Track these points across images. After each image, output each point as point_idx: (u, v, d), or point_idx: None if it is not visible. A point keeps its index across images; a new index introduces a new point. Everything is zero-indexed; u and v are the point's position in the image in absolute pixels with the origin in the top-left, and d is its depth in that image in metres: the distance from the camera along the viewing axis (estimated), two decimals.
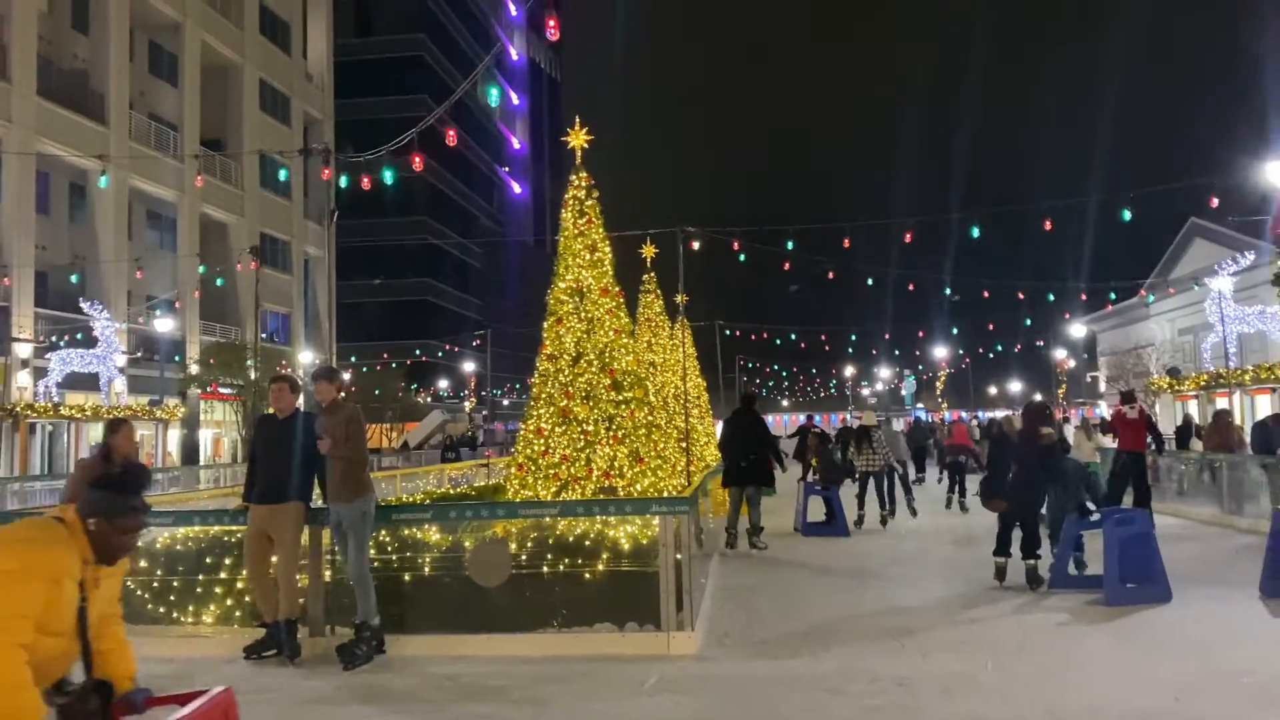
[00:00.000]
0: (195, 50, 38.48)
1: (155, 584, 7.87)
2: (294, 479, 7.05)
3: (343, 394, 7.50)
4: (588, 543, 7.62)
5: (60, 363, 27.85)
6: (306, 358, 42.21)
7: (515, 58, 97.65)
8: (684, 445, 16.98)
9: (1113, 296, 36.51)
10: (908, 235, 18.54)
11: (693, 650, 6.74)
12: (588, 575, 7.35)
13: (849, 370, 73.60)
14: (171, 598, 7.83)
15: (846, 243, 18.18)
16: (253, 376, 34.21)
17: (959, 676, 5.97)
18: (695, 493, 10.04)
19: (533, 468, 10.47)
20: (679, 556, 7.02)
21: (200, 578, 7.84)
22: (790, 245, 18.19)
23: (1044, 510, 9.73)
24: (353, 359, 49.36)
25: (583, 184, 11.12)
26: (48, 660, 2.94)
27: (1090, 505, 9.26)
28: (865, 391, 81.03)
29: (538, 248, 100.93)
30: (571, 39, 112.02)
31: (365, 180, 16.07)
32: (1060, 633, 7.31)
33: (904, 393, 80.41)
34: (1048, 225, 17.22)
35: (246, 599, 7.65)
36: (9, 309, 28.25)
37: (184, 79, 38.10)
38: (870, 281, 25.45)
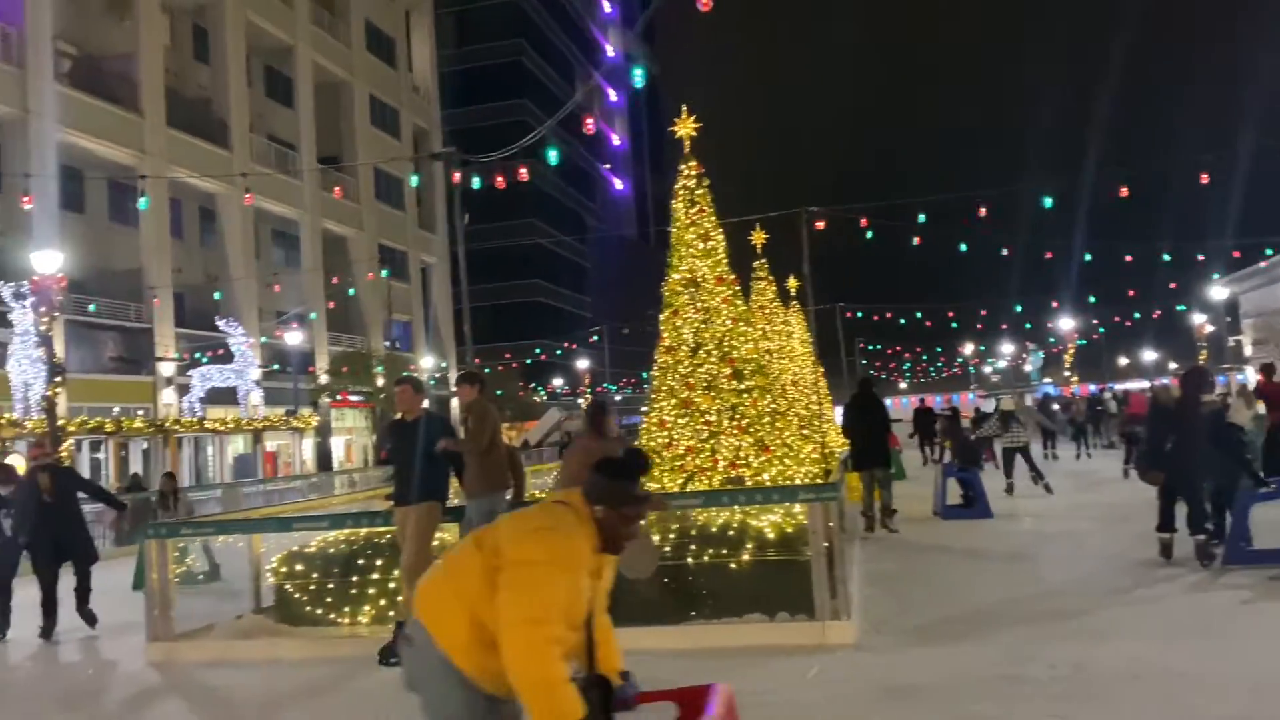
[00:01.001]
0: (307, 71, 39.89)
1: (312, 586, 8.10)
2: (422, 480, 7.12)
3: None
4: (731, 532, 7.51)
5: (201, 379, 29.30)
6: (428, 363, 43.35)
7: (611, 55, 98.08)
8: (812, 432, 16.76)
9: (1268, 252, 34.23)
10: (1047, 201, 17.73)
11: (851, 639, 6.55)
12: (733, 565, 7.24)
13: (968, 348, 71.42)
14: (328, 599, 8.05)
15: (982, 211, 17.48)
16: (380, 383, 35.34)
17: (1143, 659, 5.62)
18: (842, 479, 9.85)
19: (657, 460, 10.43)
20: (830, 544, 6.84)
21: (355, 579, 8.03)
22: (922, 219, 17.61)
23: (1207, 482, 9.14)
24: (475, 361, 50.42)
25: (692, 173, 11.02)
26: (569, 656, 2.84)
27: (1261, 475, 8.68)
28: (987, 369, 78.67)
29: (642, 243, 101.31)
30: (667, 30, 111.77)
31: (499, 180, 16.35)
32: (1246, 610, 6.84)
33: (1028, 368, 77.52)
34: (1204, 179, 16.22)
35: (399, 598, 7.82)
36: (152, 330, 29.82)
37: (299, 99, 39.56)
38: (1004, 252, 24.48)
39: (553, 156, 19.87)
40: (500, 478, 7.16)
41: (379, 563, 7.99)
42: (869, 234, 18.30)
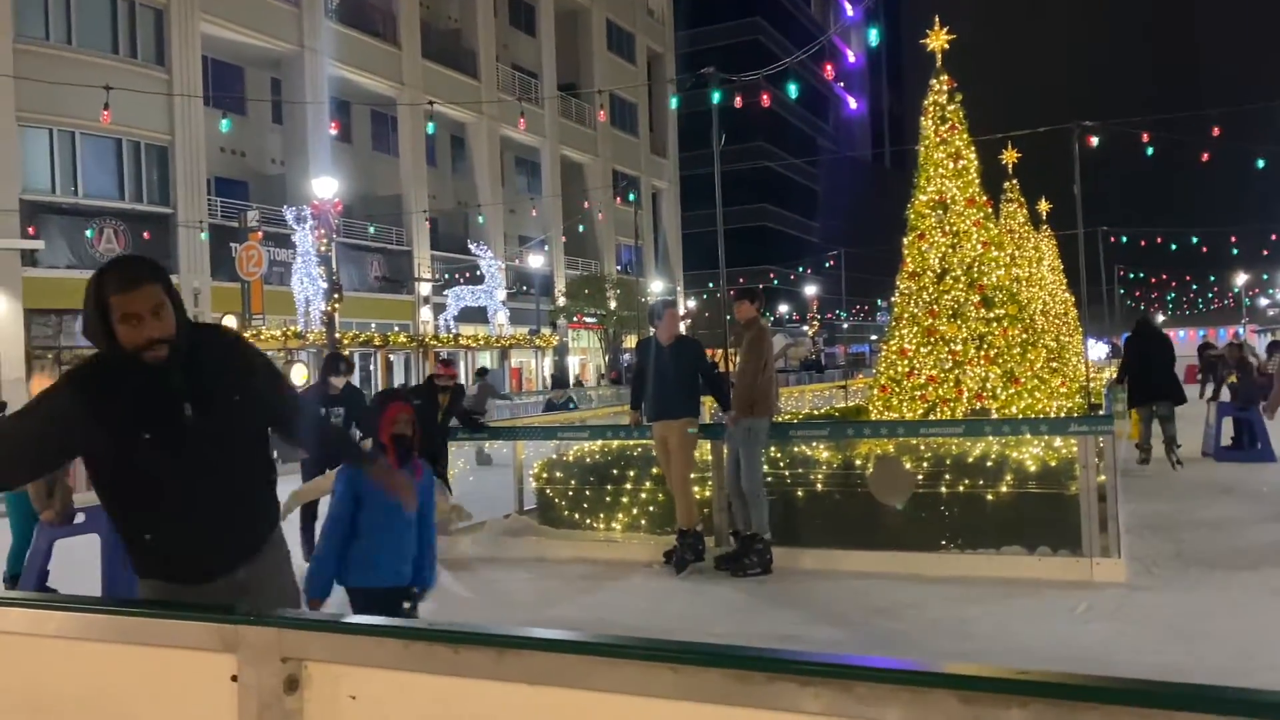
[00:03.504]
0: None
1: (570, 492, 8.62)
2: (681, 398, 7.32)
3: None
4: (989, 463, 7.30)
5: (455, 299, 31.36)
6: (657, 287, 44.19)
7: None
8: (1061, 364, 15.89)
9: None
10: None
11: (1121, 578, 6.26)
12: (989, 496, 7.06)
13: (1241, 278, 64.47)
14: (584, 505, 8.54)
15: None
16: (612, 306, 36.44)
17: None
18: (1125, 414, 9.37)
19: (896, 389, 10.21)
20: (1103, 479, 6.52)
21: (609, 487, 8.45)
22: (1216, 131, 15.84)
23: None
24: (710, 285, 50.88)
25: (944, 88, 10.51)
26: None
27: None
28: (1264, 302, 71.02)
29: (876, 165, 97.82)
30: None
31: (738, 100, 16.31)
32: None
33: None
34: None
35: (650, 508, 8.18)
36: (411, 252, 32.08)
37: (540, 28, 40.66)
38: None
39: (874, 35, 19.32)
40: (766, 402, 7.19)
41: (631, 473, 8.37)
42: (1149, 150, 16.64)
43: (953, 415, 9.47)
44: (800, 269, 63.59)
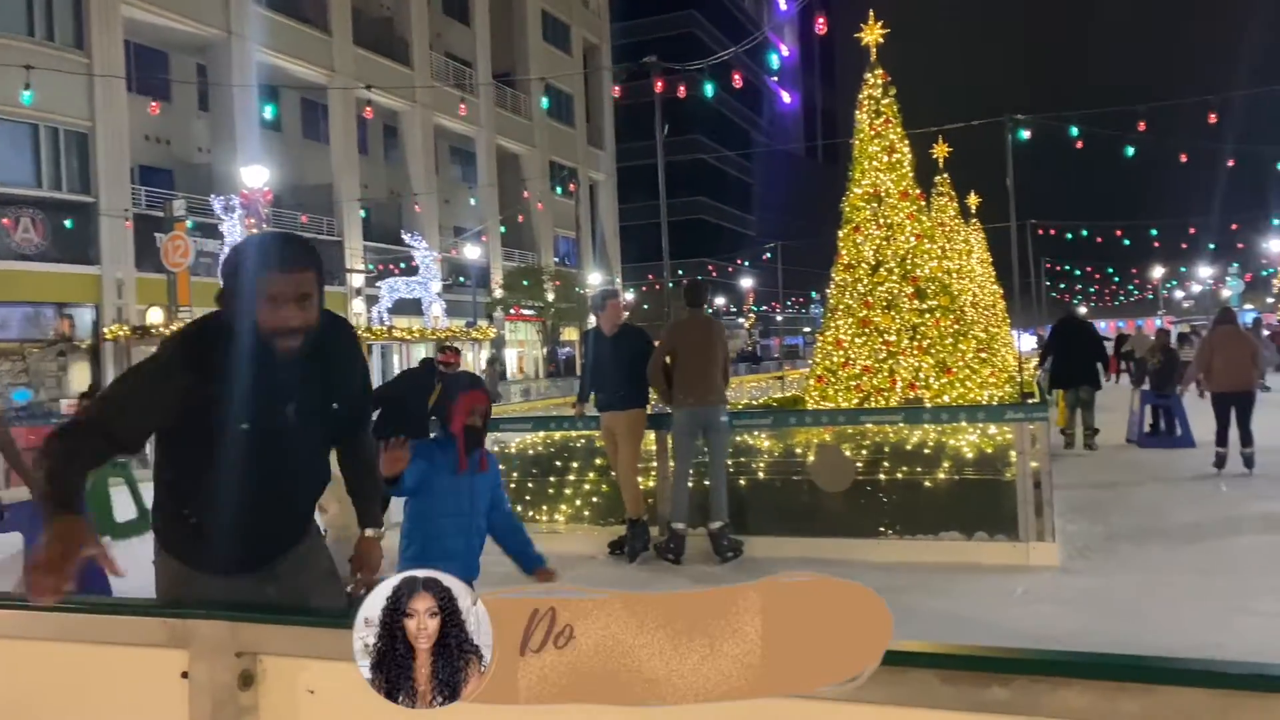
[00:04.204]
0: None
1: (513, 484, 8.53)
2: (629, 389, 7.33)
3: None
4: (926, 450, 7.42)
5: (389, 290, 30.77)
6: (595, 279, 44.11)
7: None
8: (990, 355, 16.25)
9: None
10: None
11: (1055, 562, 6.41)
12: (927, 483, 7.18)
13: (1158, 271, 66.70)
14: (527, 497, 8.47)
15: (1213, 117, 16.01)
16: (550, 298, 36.24)
17: None
18: (1054, 399, 9.61)
19: (832, 379, 10.36)
20: (1037, 465, 6.67)
21: (552, 479, 8.40)
22: (1142, 126, 16.32)
23: None
24: (649, 277, 51.01)
25: (878, 82, 10.70)
26: None
27: None
28: (1180, 294, 73.55)
29: (810, 159, 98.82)
30: None
31: (681, 90, 16.29)
32: None
33: (1227, 293, 71.90)
34: None
35: (594, 499, 8.16)
36: (342, 243, 31.46)
37: (474, 17, 40.18)
38: (1231, 164, 22.49)
39: (774, 62, 19.54)
40: (688, 392, 7.15)
41: (574, 465, 8.33)
42: (1079, 144, 17.09)
43: (887, 404, 9.63)
44: (736, 261, 64.01)
